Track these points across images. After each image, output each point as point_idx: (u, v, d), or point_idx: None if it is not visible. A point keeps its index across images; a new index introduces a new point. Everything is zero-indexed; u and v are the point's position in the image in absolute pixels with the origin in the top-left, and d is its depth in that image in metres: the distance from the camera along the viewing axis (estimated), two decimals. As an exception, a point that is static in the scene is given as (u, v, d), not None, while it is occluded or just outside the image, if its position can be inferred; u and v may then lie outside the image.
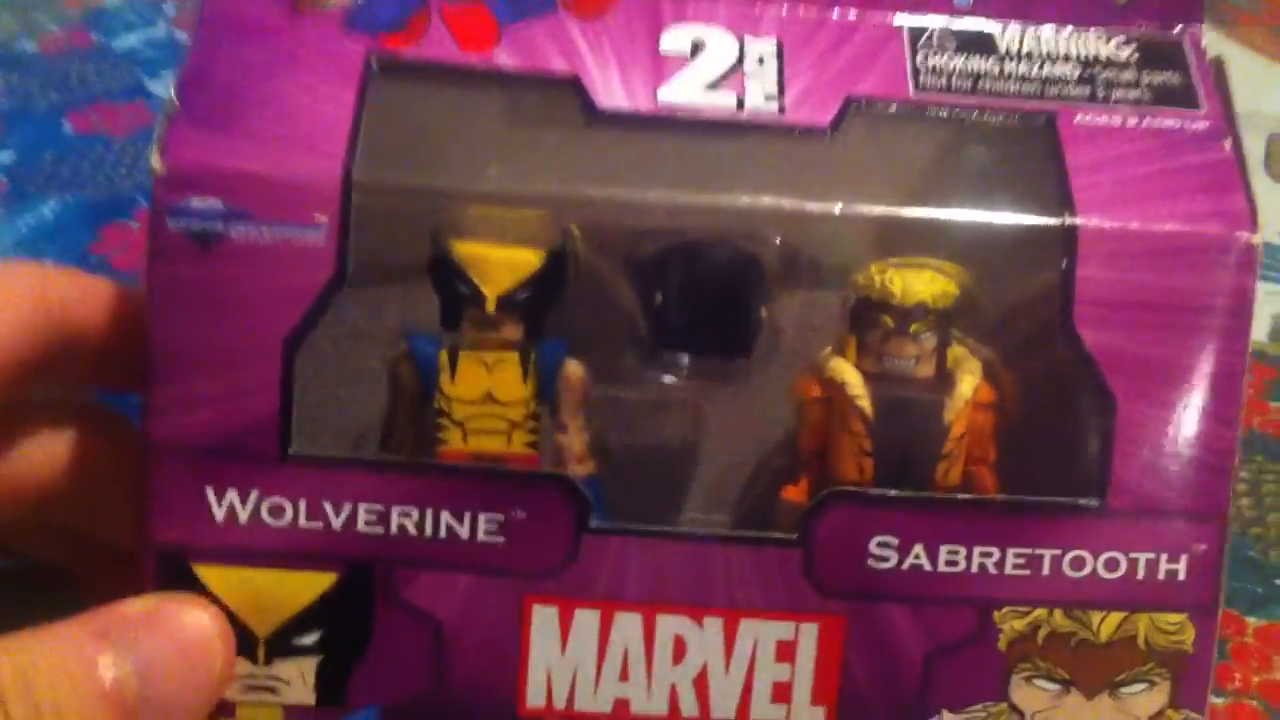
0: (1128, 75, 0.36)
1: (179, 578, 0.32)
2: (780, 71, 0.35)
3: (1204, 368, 0.33)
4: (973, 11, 0.37)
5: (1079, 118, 0.35)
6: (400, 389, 0.34)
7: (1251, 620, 0.45)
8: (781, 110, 0.35)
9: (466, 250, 0.33)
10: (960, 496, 0.33)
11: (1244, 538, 0.48)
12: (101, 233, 0.53)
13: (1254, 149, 0.71)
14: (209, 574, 0.32)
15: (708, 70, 0.35)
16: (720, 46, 0.36)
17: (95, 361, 0.35)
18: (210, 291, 0.32)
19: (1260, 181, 0.69)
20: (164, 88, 0.60)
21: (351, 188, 0.32)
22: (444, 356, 0.33)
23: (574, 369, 0.34)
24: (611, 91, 0.35)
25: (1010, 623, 0.33)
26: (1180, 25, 0.37)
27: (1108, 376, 0.33)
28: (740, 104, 0.35)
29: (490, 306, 0.33)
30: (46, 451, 0.35)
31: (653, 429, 0.36)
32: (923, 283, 0.34)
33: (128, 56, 0.64)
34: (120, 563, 0.35)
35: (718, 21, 0.36)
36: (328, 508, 0.32)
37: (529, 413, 0.34)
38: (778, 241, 0.34)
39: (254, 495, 0.32)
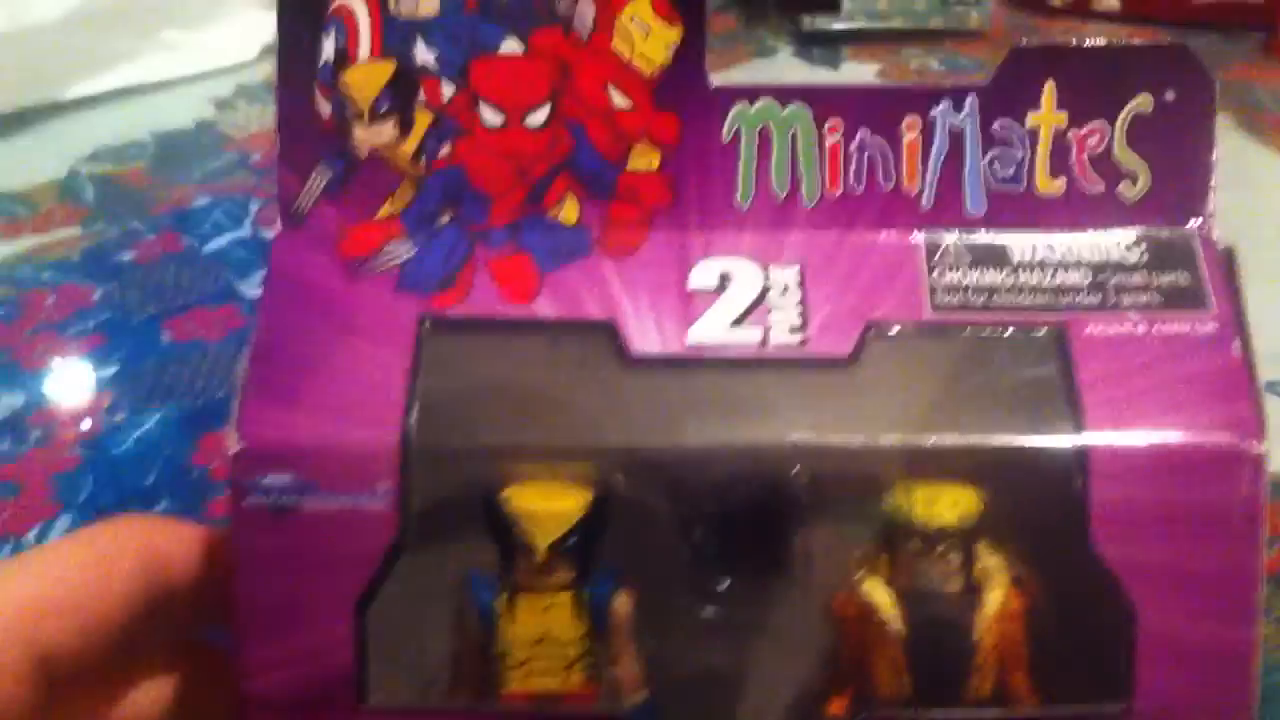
0: (1138, 279, 0.38)
1: (275, 821, 0.36)
2: (803, 301, 0.38)
3: (1219, 573, 0.35)
4: (986, 223, 0.39)
5: (1090, 328, 0.37)
6: (464, 633, 0.37)
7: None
8: (804, 342, 0.37)
9: (517, 505, 0.36)
10: (994, 712, 0.36)
11: (1274, 663, 0.49)
12: (199, 443, 0.57)
13: None
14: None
15: (734, 306, 0.38)
16: (745, 278, 0.38)
17: (195, 605, 0.38)
18: (286, 558, 0.35)
19: None
20: (253, 289, 0.64)
21: (410, 454, 0.35)
22: (502, 602, 0.36)
23: (622, 603, 0.37)
24: (645, 333, 0.37)
25: (1047, 825, 0.36)
26: (1191, 218, 0.39)
27: (1127, 587, 0.35)
28: (765, 339, 0.37)
29: (542, 555, 0.36)
30: (157, 693, 0.38)
31: (701, 654, 0.38)
32: (945, 506, 0.36)
33: (217, 258, 0.68)
34: None
35: (743, 252, 0.39)
36: (405, 751, 0.36)
37: (584, 649, 0.37)
38: (804, 474, 0.37)
39: (339, 743, 0.36)
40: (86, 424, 0.59)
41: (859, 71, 0.99)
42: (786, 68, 0.99)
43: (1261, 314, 0.37)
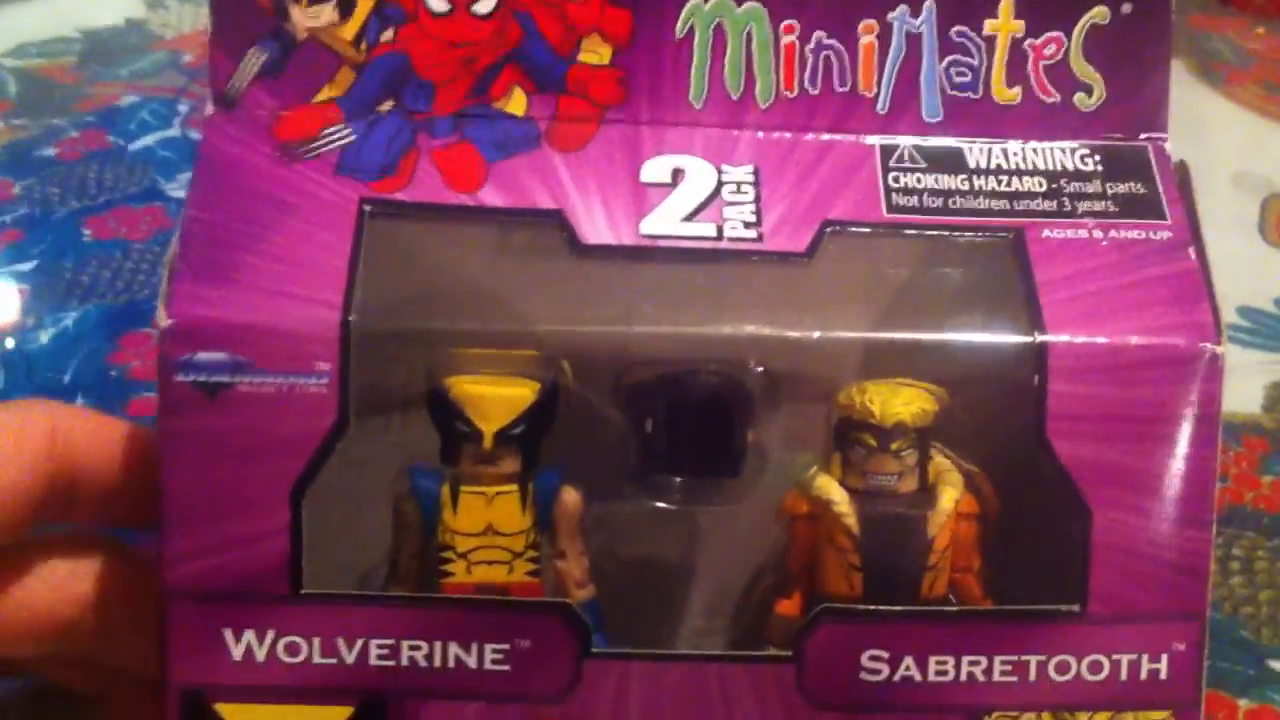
0: (1093, 187, 0.39)
1: (201, 717, 0.35)
2: (757, 198, 0.39)
3: (1175, 475, 0.36)
4: (943, 128, 0.40)
5: (1046, 233, 0.39)
6: (404, 525, 0.37)
7: (1243, 703, 0.48)
8: (760, 238, 0.38)
9: (462, 389, 0.36)
10: (946, 609, 0.37)
11: (1235, 617, 0.50)
12: (120, 341, 0.56)
13: (1248, 212, 0.75)
14: (230, 712, 0.36)
15: (687, 200, 0.39)
16: (699, 175, 0.39)
17: (106, 501, 0.38)
18: (219, 441, 0.35)
19: (1255, 244, 0.72)
20: (180, 190, 0.64)
21: (350, 335, 0.35)
22: (445, 492, 0.37)
23: (570, 497, 0.37)
24: (595, 224, 0.38)
25: (1001, 727, 0.37)
26: (1145, 133, 0.40)
27: (1082, 487, 0.36)
28: (720, 233, 0.38)
29: (488, 443, 0.36)
30: (64, 587, 0.38)
31: (649, 551, 0.39)
32: (901, 402, 0.37)
33: (143, 157, 0.67)
34: (141, 688, 0.38)
35: (696, 150, 0.39)
36: (340, 644, 0.35)
37: (529, 542, 0.37)
38: (760, 368, 0.37)
39: (270, 635, 0.35)
40: (1, 319, 0.58)
41: None
42: None
43: (1212, 260, 0.39)
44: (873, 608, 0.36)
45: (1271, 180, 0.77)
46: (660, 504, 0.38)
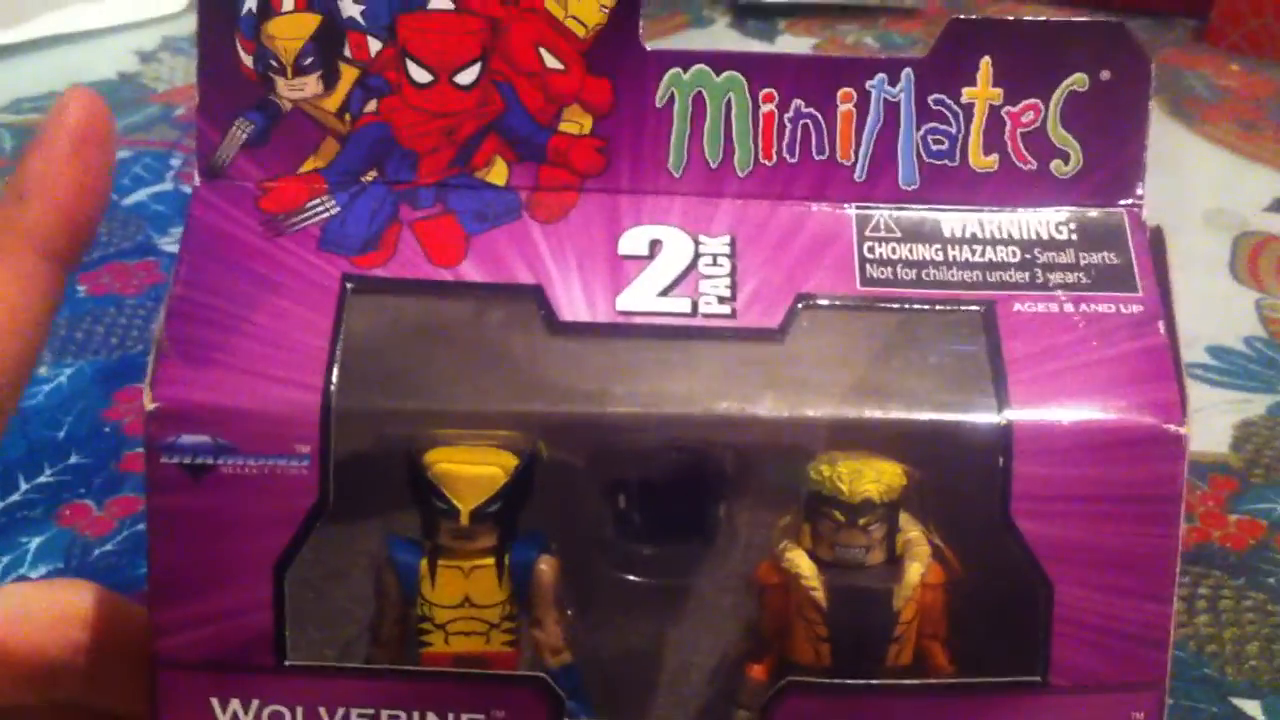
0: (1067, 257, 0.40)
1: (187, 784, 0.37)
2: (733, 270, 0.39)
3: (1137, 552, 0.37)
4: (920, 196, 0.41)
5: (1017, 306, 0.39)
6: (385, 596, 0.38)
7: (1211, 743, 0.48)
8: (733, 313, 0.39)
9: (440, 469, 0.38)
10: (910, 682, 0.38)
11: (1201, 655, 0.51)
12: (114, 397, 0.57)
13: (1220, 250, 0.76)
14: (215, 781, 0.37)
15: (664, 273, 0.39)
16: (676, 246, 0.40)
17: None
18: (204, 519, 0.37)
19: (1225, 283, 0.73)
20: (172, 244, 0.65)
21: (330, 417, 0.36)
22: (424, 565, 0.38)
23: (546, 568, 0.38)
24: (573, 300, 0.39)
25: (963, 796, 0.38)
26: (1122, 199, 0.41)
27: (1044, 563, 0.37)
28: (694, 308, 0.39)
29: (464, 520, 0.38)
30: (52, 631, 0.39)
31: (625, 619, 0.40)
32: (869, 479, 0.38)
33: (136, 211, 0.68)
34: None
35: (674, 219, 0.40)
36: (323, 712, 0.37)
37: (506, 613, 0.38)
38: (731, 445, 0.38)
39: (255, 704, 0.37)
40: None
41: (794, 45, 1.03)
42: (721, 39, 1.01)
43: (1182, 298, 0.40)
44: (838, 681, 0.38)
45: (1244, 218, 0.77)
46: (634, 578, 0.40)
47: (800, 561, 0.38)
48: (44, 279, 0.37)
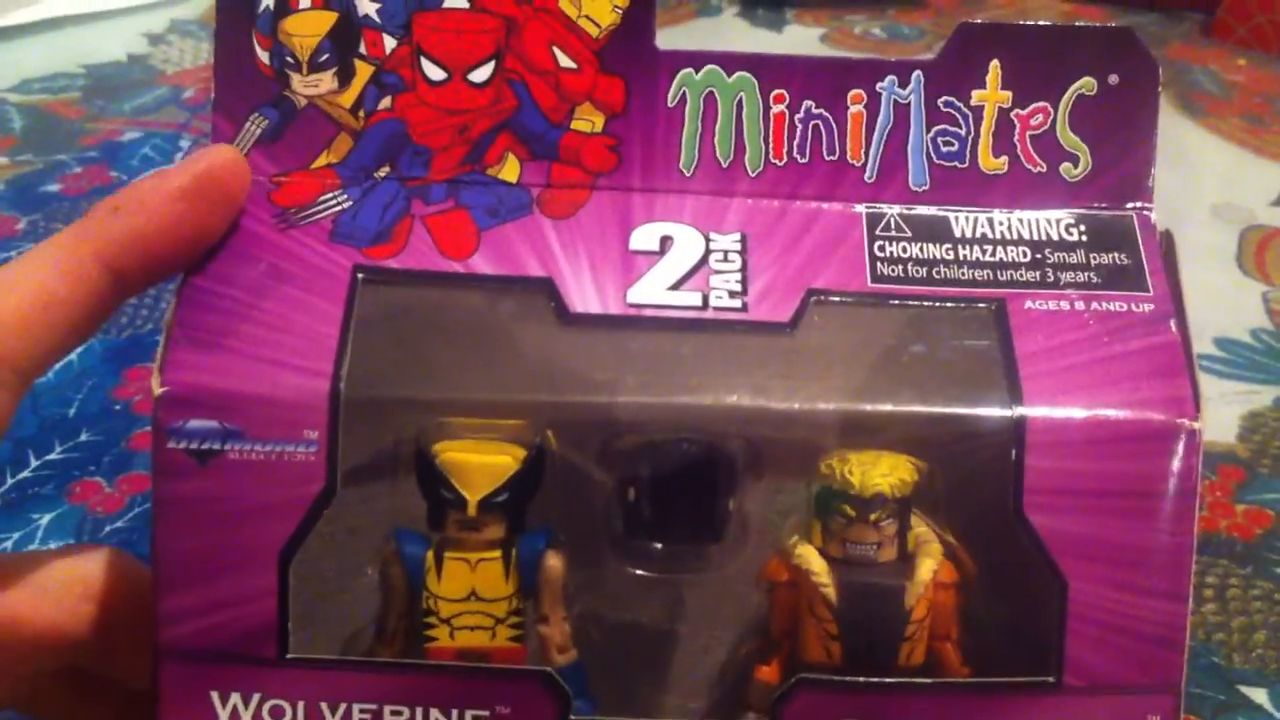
0: (1077, 258, 0.40)
1: (186, 777, 0.36)
2: (744, 266, 0.39)
3: (1152, 548, 0.37)
4: (929, 197, 0.41)
5: (1029, 304, 0.39)
6: (390, 588, 0.38)
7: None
8: (744, 307, 0.39)
9: (447, 457, 0.37)
10: (922, 680, 0.37)
11: (1208, 643, 0.51)
12: (125, 375, 0.57)
13: (1227, 243, 0.77)
14: (214, 773, 0.36)
15: (675, 268, 0.39)
16: (687, 243, 0.40)
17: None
18: (210, 506, 0.36)
19: (1233, 275, 0.74)
20: None
21: (339, 404, 0.36)
22: (430, 557, 0.37)
23: (553, 563, 0.38)
24: (583, 293, 0.39)
25: (976, 796, 0.37)
26: (1130, 203, 0.41)
27: (1058, 559, 0.37)
28: (705, 302, 0.39)
29: (472, 510, 0.37)
30: (66, 599, 0.38)
31: (632, 615, 0.39)
32: (880, 473, 0.38)
33: None
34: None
35: (685, 217, 0.40)
36: (324, 708, 0.36)
37: (512, 608, 0.38)
38: (742, 437, 0.38)
39: (255, 698, 0.36)
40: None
41: (803, 35, 1.03)
42: (730, 28, 1.02)
43: (1190, 291, 0.40)
44: (849, 678, 0.37)
45: (1251, 211, 0.78)
46: (643, 572, 0.39)
47: (811, 558, 0.38)
48: (95, 285, 0.37)
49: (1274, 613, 0.54)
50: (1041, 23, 0.41)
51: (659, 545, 0.39)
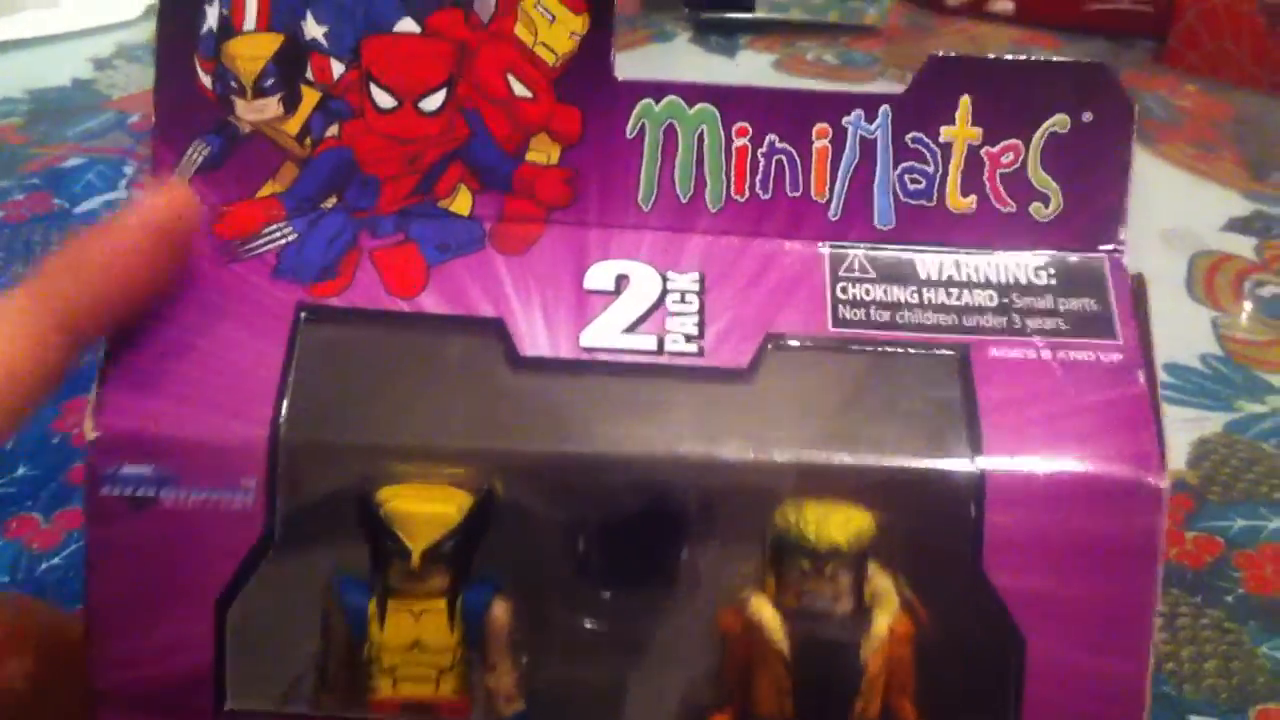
0: (1045, 303, 0.39)
1: (119, 829, 0.35)
2: (701, 308, 0.38)
3: (1113, 606, 0.36)
4: (895, 236, 0.40)
5: (993, 351, 0.38)
6: (331, 638, 0.37)
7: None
8: (701, 351, 0.38)
9: (392, 506, 0.36)
10: (876, 736, 0.37)
11: (1159, 672, 0.51)
12: (63, 408, 0.56)
13: (1177, 269, 0.76)
14: (146, 828, 0.35)
15: (630, 310, 0.38)
16: (643, 282, 0.39)
17: None
18: (144, 553, 0.35)
19: (1182, 302, 0.74)
20: None
21: (278, 449, 0.35)
22: (373, 606, 0.36)
23: (499, 612, 0.37)
24: (534, 335, 0.38)
25: None
26: (1102, 245, 0.40)
27: (1017, 617, 0.36)
28: (661, 346, 0.38)
29: (416, 561, 0.36)
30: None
31: (581, 665, 0.38)
32: (836, 525, 0.37)
33: (89, 220, 0.68)
34: None
35: (642, 254, 0.39)
36: (262, 760, 0.35)
37: (457, 658, 0.37)
38: (695, 486, 0.37)
39: (190, 751, 0.35)
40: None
41: (756, 61, 1.03)
42: (684, 53, 1.02)
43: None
44: (801, 733, 0.36)
45: (1200, 237, 0.78)
46: (591, 623, 0.38)
47: (763, 610, 0.37)
48: (58, 352, 0.36)
49: (1224, 641, 0.54)
50: (1014, 57, 0.40)
51: (608, 594, 0.38)
